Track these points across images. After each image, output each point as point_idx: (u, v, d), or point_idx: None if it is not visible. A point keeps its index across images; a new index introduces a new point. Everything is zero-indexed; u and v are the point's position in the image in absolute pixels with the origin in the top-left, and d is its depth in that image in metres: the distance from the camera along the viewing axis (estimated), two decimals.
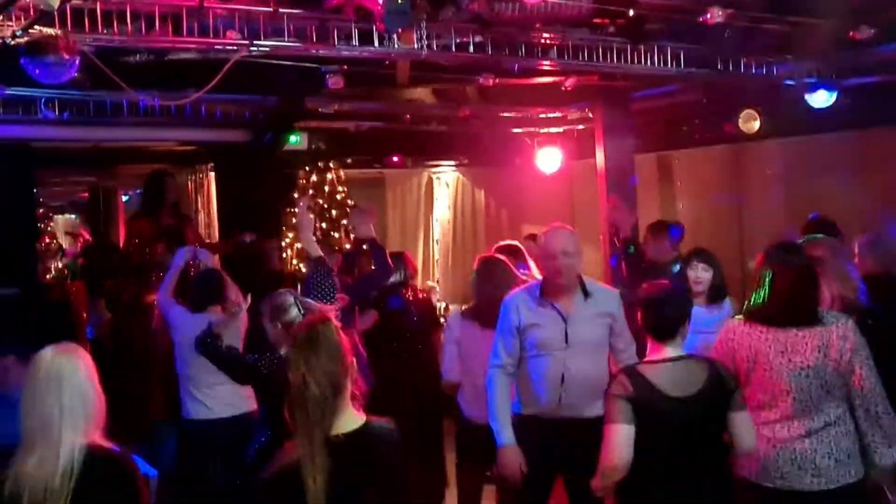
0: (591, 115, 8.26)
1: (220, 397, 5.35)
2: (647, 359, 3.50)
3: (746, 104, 7.46)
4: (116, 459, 2.84)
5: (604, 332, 4.20)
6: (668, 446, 3.33)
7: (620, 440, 3.27)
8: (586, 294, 4.20)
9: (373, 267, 5.49)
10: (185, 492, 5.49)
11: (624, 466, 3.28)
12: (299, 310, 4.03)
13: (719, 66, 6.21)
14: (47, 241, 9.81)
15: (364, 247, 5.69)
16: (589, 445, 3.71)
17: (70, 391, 2.78)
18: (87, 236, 11.07)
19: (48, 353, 2.87)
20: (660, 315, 3.43)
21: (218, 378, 5.25)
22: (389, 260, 5.38)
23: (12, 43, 4.30)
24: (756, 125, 7.49)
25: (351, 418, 2.59)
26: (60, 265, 9.85)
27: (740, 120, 7.45)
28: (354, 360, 2.66)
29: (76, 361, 2.87)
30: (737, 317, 3.76)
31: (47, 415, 2.75)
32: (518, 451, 4.12)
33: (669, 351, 3.42)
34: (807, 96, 6.71)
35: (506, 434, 4.14)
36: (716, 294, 5.07)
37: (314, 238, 5.15)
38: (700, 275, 5.03)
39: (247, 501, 4.32)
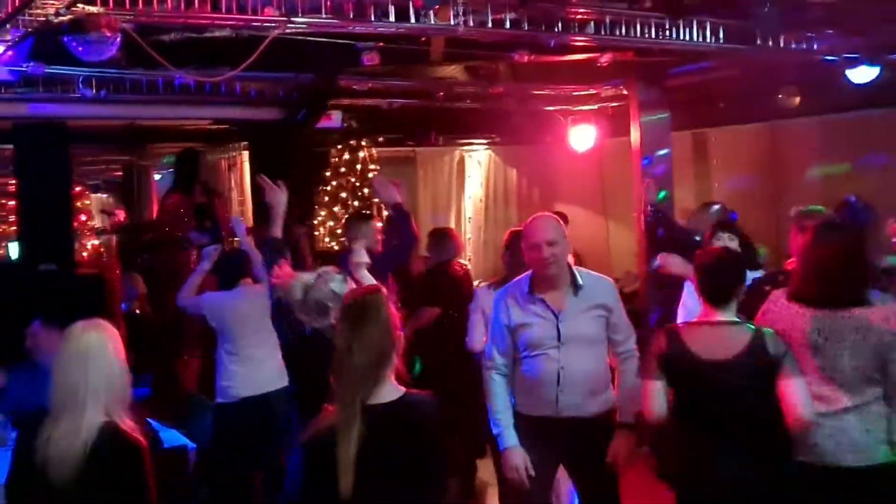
0: (625, 91, 8.18)
1: (262, 371, 5.38)
2: (695, 320, 3.63)
3: (786, 80, 7.35)
4: (127, 440, 2.91)
5: (599, 325, 4.01)
6: (705, 408, 3.43)
7: (650, 394, 3.51)
8: (577, 287, 3.99)
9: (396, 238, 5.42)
10: (221, 466, 5.55)
11: (656, 419, 3.50)
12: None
13: (758, 42, 6.11)
14: (83, 219, 9.90)
15: (389, 213, 5.53)
16: (592, 441, 3.91)
17: (96, 368, 2.88)
18: (121, 216, 11.18)
19: (78, 328, 2.95)
20: (712, 281, 3.52)
21: (261, 352, 5.31)
22: (414, 226, 5.19)
23: (56, 21, 4.34)
24: (796, 101, 7.39)
25: (390, 390, 2.62)
26: (96, 242, 9.94)
27: (780, 96, 7.35)
28: (401, 334, 2.68)
29: (105, 338, 2.94)
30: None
31: (73, 389, 2.85)
32: (523, 454, 3.98)
33: (720, 315, 3.47)
34: (848, 72, 6.60)
35: (508, 436, 4.01)
36: (748, 261, 5.07)
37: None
38: (727, 243, 4.99)
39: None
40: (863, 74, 6.53)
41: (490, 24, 5.35)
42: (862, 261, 3.56)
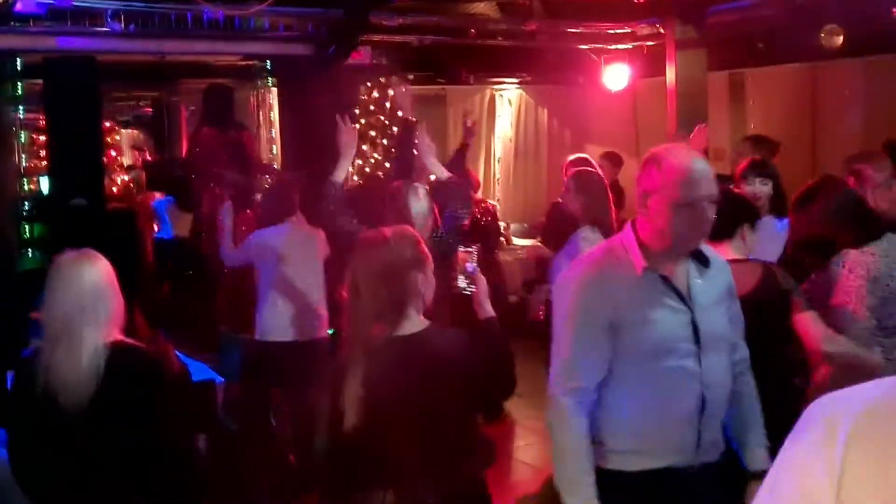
0: (662, 30, 7.98)
1: (308, 315, 5.30)
2: None
3: (828, 19, 7.11)
4: (141, 354, 2.93)
5: (728, 319, 2.69)
6: None
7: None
8: (703, 260, 2.62)
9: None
10: (248, 403, 5.58)
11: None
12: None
13: None
14: (113, 154, 9.95)
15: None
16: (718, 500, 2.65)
17: (89, 291, 2.85)
18: (148, 155, 11.24)
19: (68, 256, 2.93)
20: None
21: (311, 294, 5.29)
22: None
23: None
24: (839, 40, 7.15)
25: (414, 323, 2.61)
26: (126, 178, 10.01)
27: (822, 36, 7.11)
28: (426, 273, 2.65)
29: (95, 264, 2.92)
30: None
31: (68, 313, 2.83)
32: None
33: (727, 252, 3.30)
34: (894, 10, 6.37)
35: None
36: (780, 207, 4.86)
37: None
38: (758, 188, 4.78)
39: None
40: None
41: None
42: None
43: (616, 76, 9.24)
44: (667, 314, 2.53)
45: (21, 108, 7.46)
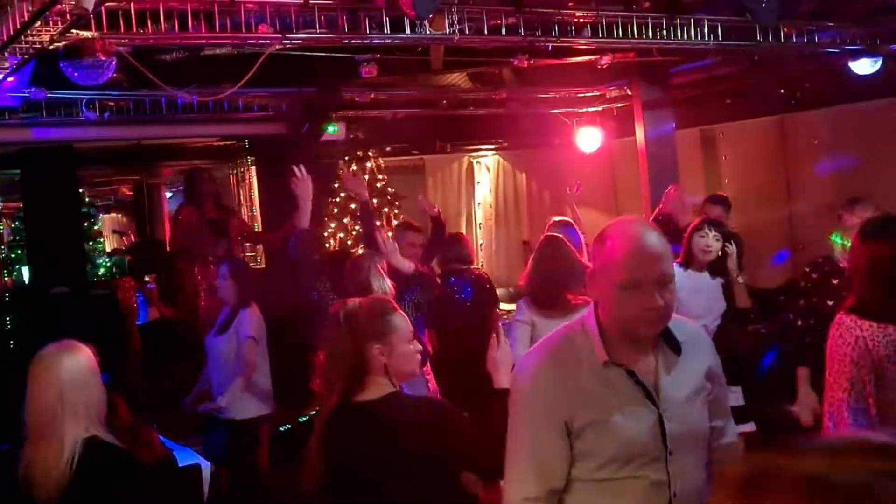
0: (629, 92, 8.15)
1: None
2: None
3: (789, 74, 7.31)
4: (115, 451, 2.92)
5: (705, 409, 2.31)
6: None
7: None
8: (674, 343, 2.26)
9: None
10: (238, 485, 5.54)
11: None
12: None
13: (759, 37, 6.07)
14: (94, 239, 9.99)
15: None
16: None
17: (72, 389, 2.86)
18: (133, 237, 11.29)
19: (50, 351, 2.94)
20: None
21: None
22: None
23: (51, 47, 4.37)
24: (799, 95, 7.33)
25: (377, 388, 2.67)
26: (109, 263, 10.03)
27: (783, 90, 7.29)
28: (390, 342, 2.69)
29: (77, 357, 2.93)
30: None
31: (49, 412, 2.84)
32: None
33: None
34: (850, 64, 6.54)
35: None
36: (718, 269, 4.99)
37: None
38: (711, 242, 4.91)
39: None
40: (865, 66, 6.47)
41: (486, 31, 5.33)
42: None
43: (589, 138, 9.38)
44: (629, 414, 2.17)
45: None
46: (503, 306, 9.85)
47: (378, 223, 5.23)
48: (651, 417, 2.18)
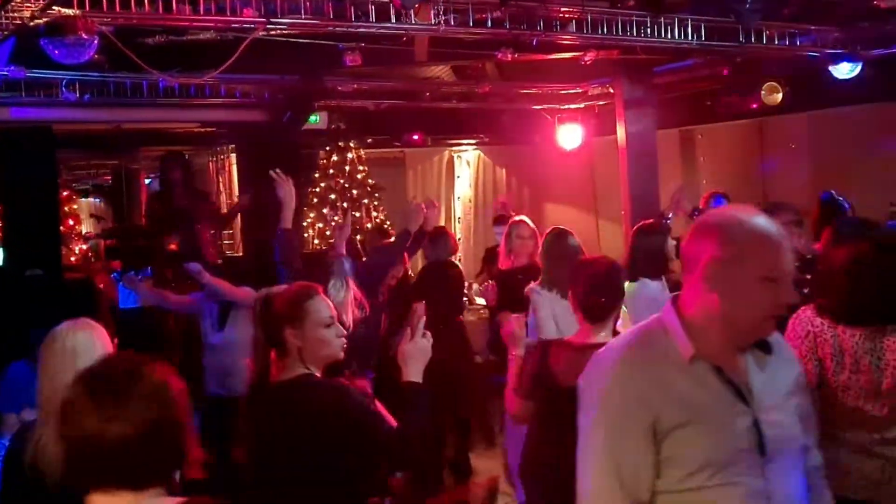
0: (612, 90, 8.19)
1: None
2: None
3: (769, 77, 7.37)
4: None
5: (798, 418, 2.11)
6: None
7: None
8: (766, 345, 2.08)
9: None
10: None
11: None
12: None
13: (741, 39, 6.12)
14: (71, 223, 9.90)
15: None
16: None
17: (84, 365, 2.82)
18: (109, 224, 11.21)
19: (64, 328, 2.90)
20: (596, 297, 3.25)
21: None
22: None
23: (31, 24, 4.32)
24: (779, 97, 7.40)
25: (290, 371, 2.79)
26: (84, 247, 9.95)
27: (763, 93, 7.36)
28: (303, 328, 2.78)
29: (92, 336, 2.90)
30: None
31: (63, 388, 2.79)
32: None
33: (593, 337, 3.23)
34: (830, 68, 6.61)
35: None
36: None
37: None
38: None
39: None
40: (845, 70, 6.54)
41: (472, 24, 5.34)
42: None
43: (570, 135, 9.42)
44: (722, 415, 1.97)
45: None
46: (480, 301, 9.93)
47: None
48: (745, 419, 1.98)
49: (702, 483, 1.94)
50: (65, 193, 9.81)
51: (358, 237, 7.55)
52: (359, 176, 8.74)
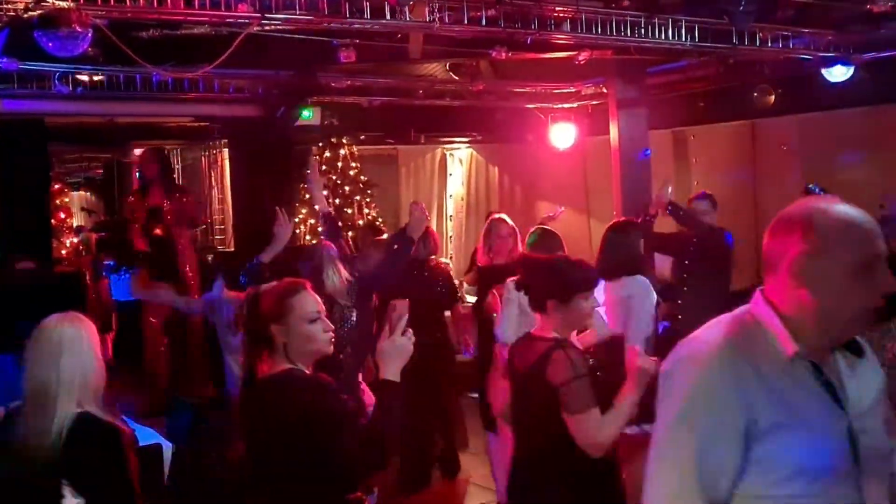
0: (605, 90, 8.20)
1: None
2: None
3: (762, 79, 7.40)
4: (104, 428, 2.91)
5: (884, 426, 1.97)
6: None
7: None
8: (857, 346, 1.95)
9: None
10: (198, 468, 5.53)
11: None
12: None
13: (735, 41, 6.14)
14: (62, 216, 9.87)
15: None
16: None
17: (70, 361, 2.85)
18: (100, 217, 11.18)
19: (52, 321, 2.92)
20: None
21: None
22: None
23: (25, 16, 4.31)
24: (771, 100, 7.44)
25: (275, 366, 2.81)
26: (75, 240, 9.92)
27: (756, 95, 7.39)
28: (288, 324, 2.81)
29: (80, 330, 2.92)
30: None
31: (45, 383, 2.82)
32: None
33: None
34: (824, 71, 6.64)
35: None
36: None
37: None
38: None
39: None
40: (838, 73, 6.57)
41: (466, 21, 5.35)
42: None
43: (562, 134, 9.42)
44: (820, 418, 1.82)
45: None
46: (470, 299, 9.93)
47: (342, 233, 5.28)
48: (840, 424, 1.83)
49: (796, 491, 1.79)
50: (56, 186, 9.78)
51: (350, 234, 7.55)
52: (351, 172, 8.73)
